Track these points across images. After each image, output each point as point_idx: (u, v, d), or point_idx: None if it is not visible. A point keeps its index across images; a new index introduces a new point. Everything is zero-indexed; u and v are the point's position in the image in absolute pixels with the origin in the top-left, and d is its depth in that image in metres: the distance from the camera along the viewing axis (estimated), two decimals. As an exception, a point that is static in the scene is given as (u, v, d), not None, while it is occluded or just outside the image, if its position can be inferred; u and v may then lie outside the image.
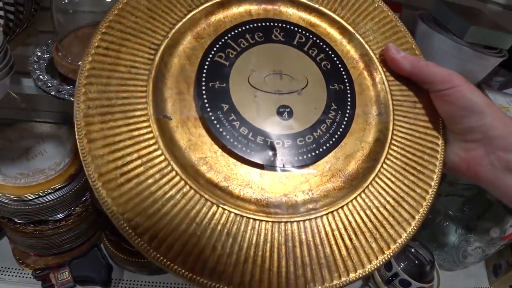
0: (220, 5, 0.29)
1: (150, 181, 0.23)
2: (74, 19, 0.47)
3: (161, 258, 0.22)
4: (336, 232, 0.25)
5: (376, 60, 0.30)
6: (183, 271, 0.22)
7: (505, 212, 0.63)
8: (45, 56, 0.50)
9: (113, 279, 0.64)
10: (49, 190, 0.56)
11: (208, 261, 0.22)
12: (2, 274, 0.64)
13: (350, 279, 0.24)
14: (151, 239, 0.22)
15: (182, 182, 0.24)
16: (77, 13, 0.47)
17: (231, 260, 0.23)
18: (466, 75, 0.53)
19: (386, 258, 0.25)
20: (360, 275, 0.24)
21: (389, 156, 0.28)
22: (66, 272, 0.59)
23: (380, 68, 0.30)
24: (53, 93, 0.44)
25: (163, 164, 0.24)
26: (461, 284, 0.72)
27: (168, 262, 0.22)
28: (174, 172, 0.24)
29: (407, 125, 0.29)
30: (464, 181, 0.71)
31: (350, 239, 0.25)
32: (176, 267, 0.22)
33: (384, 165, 0.27)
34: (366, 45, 0.31)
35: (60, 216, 0.59)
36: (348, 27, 0.31)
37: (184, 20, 0.27)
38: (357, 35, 0.31)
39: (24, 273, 0.65)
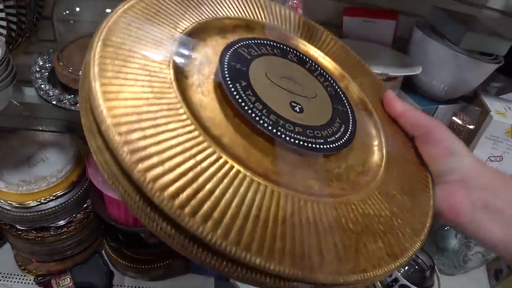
0: (246, 26, 0.32)
1: (157, 112, 0.21)
2: (74, 29, 0.48)
3: (150, 182, 0.19)
4: (343, 220, 0.24)
5: (371, 106, 0.34)
6: (173, 205, 0.18)
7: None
8: (47, 65, 0.50)
9: (114, 285, 0.65)
10: (51, 197, 0.56)
11: (204, 203, 0.19)
12: (4, 280, 0.65)
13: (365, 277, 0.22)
14: (140, 158, 0.19)
15: (189, 121, 0.22)
16: (77, 23, 0.48)
17: (231, 210, 0.20)
18: (462, 82, 0.54)
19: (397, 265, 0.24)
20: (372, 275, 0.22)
21: (387, 177, 0.29)
22: (68, 278, 0.60)
23: (374, 112, 0.33)
24: (54, 102, 0.45)
25: (174, 100, 0.23)
26: (462, 289, 0.73)
27: (156, 189, 0.18)
28: (182, 110, 0.22)
29: (401, 158, 0.31)
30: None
31: (358, 235, 0.23)
32: (164, 199, 0.18)
33: (384, 184, 0.28)
34: (362, 92, 0.34)
35: (62, 222, 0.60)
36: (347, 75, 0.35)
37: (213, 18, 0.30)
38: (354, 83, 0.35)
39: (26, 279, 0.65)
